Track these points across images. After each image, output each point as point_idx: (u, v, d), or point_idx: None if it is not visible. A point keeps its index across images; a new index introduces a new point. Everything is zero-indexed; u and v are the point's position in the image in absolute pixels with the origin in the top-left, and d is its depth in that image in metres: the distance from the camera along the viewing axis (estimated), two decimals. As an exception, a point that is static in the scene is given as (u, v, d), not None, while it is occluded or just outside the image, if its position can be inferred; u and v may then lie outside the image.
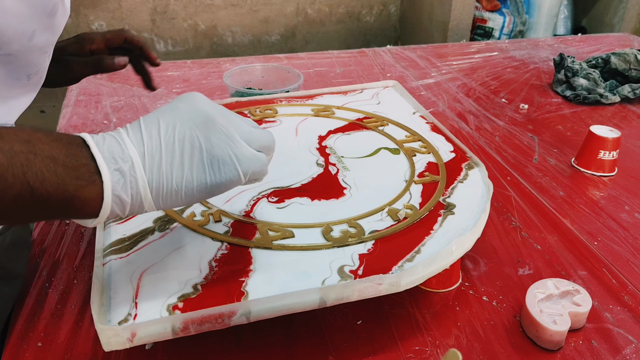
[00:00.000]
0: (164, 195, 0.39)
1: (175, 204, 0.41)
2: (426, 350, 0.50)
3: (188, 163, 0.39)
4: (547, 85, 1.13)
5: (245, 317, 0.44)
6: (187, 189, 0.40)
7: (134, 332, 0.41)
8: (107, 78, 1.08)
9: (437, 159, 0.65)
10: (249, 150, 0.41)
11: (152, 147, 0.39)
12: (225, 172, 0.40)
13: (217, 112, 0.41)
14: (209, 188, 0.40)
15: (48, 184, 0.35)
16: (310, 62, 1.21)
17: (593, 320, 0.54)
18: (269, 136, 0.44)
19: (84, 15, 2.16)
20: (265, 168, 0.43)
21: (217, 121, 0.41)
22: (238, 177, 0.41)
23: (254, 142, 0.42)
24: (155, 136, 0.39)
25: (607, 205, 0.73)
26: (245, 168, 0.41)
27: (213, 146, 0.40)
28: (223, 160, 0.40)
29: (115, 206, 0.38)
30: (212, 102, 0.43)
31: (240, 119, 0.43)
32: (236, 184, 0.42)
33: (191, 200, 0.41)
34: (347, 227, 0.54)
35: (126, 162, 0.38)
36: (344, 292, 0.46)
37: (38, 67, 0.53)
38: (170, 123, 0.40)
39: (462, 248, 0.51)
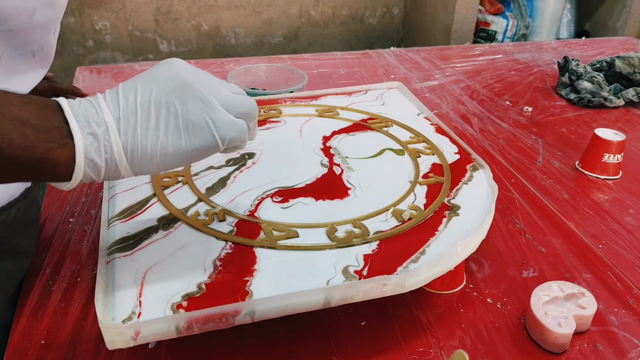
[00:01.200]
0: (139, 159, 0.39)
1: (151, 169, 0.41)
2: (430, 351, 0.50)
3: (164, 128, 0.39)
4: (551, 88, 1.13)
5: (250, 316, 0.44)
6: (162, 153, 0.40)
7: (138, 330, 0.41)
8: (112, 77, 1.08)
9: (441, 161, 0.65)
10: (227, 116, 0.41)
11: (127, 111, 0.39)
12: (201, 137, 0.40)
13: (194, 77, 0.41)
14: (185, 153, 0.40)
15: (16, 145, 0.35)
16: (314, 63, 1.21)
17: (598, 323, 0.54)
18: (250, 102, 0.44)
19: (88, 15, 2.16)
20: (245, 135, 0.43)
21: (193, 86, 0.40)
22: (215, 143, 0.41)
23: (233, 108, 0.42)
24: (132, 101, 0.39)
25: (611, 209, 0.73)
26: (222, 134, 0.41)
27: (189, 111, 0.40)
28: (199, 126, 0.40)
29: (88, 170, 0.38)
30: (192, 68, 0.42)
31: (221, 84, 0.43)
32: (214, 150, 0.41)
33: (167, 165, 0.41)
34: (351, 227, 0.53)
35: (100, 126, 0.38)
36: (349, 293, 0.46)
37: (42, 44, 0.53)
38: (147, 88, 0.40)
39: (467, 249, 0.51)
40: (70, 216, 0.67)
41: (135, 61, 2.29)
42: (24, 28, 0.49)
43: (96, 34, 2.22)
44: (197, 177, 0.60)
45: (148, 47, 2.30)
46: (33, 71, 0.55)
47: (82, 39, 2.20)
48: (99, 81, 1.06)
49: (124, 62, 2.27)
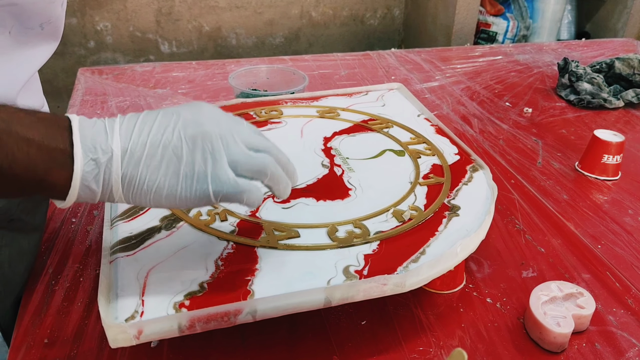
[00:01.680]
0: (134, 192, 0.40)
1: (144, 203, 0.41)
2: (430, 350, 0.51)
3: (164, 169, 0.40)
4: (551, 90, 1.13)
5: (251, 315, 0.44)
6: (156, 194, 0.40)
7: (141, 329, 0.42)
8: (113, 78, 1.08)
9: (441, 161, 0.66)
10: (227, 175, 0.41)
11: (137, 144, 0.39)
12: (197, 188, 0.40)
13: (215, 128, 0.41)
14: (178, 199, 0.40)
15: (18, 165, 0.36)
16: (314, 64, 1.21)
17: (596, 323, 0.55)
18: (260, 162, 0.43)
19: (89, 16, 2.17)
20: (249, 194, 0.42)
21: (208, 138, 0.40)
22: (208, 197, 0.41)
23: (242, 166, 0.42)
24: (145, 135, 0.39)
25: (610, 209, 0.73)
26: (216, 189, 0.40)
27: (194, 161, 0.40)
28: (198, 177, 0.40)
29: (83, 194, 0.39)
30: (219, 115, 0.43)
31: (242, 138, 0.42)
32: (207, 203, 0.41)
33: (158, 204, 0.41)
34: (352, 227, 0.54)
35: (106, 154, 0.38)
36: (349, 292, 0.46)
37: (49, 17, 0.54)
38: (163, 125, 0.40)
39: (466, 250, 0.52)
40: (73, 216, 0.67)
41: (136, 62, 2.30)
42: (28, 1, 0.50)
43: (97, 35, 2.22)
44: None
45: (149, 47, 2.30)
46: (43, 44, 0.56)
47: (83, 40, 2.21)
48: (100, 82, 1.07)
49: (125, 63, 2.28)
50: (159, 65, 1.16)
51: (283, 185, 0.45)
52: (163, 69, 1.14)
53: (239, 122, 0.44)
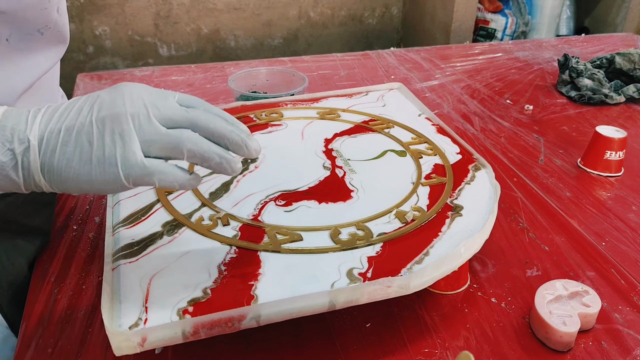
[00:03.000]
0: (55, 181, 0.40)
1: (68, 190, 0.41)
2: (435, 352, 0.50)
3: (78, 156, 0.39)
4: (551, 86, 1.13)
5: (256, 320, 0.44)
6: (75, 181, 0.40)
7: (145, 336, 0.41)
8: (112, 83, 1.08)
9: (443, 161, 0.65)
10: (136, 157, 0.39)
11: (53, 131, 0.39)
12: (110, 173, 0.40)
13: (127, 108, 0.40)
14: (96, 185, 0.40)
15: None
16: (314, 65, 1.21)
17: (602, 321, 0.54)
18: (175, 138, 0.41)
19: (87, 21, 2.17)
20: (156, 177, 0.40)
21: (117, 119, 0.39)
22: (121, 181, 0.40)
23: (154, 146, 0.40)
24: (62, 121, 0.40)
25: (614, 206, 0.73)
26: (126, 172, 0.40)
27: (103, 145, 0.39)
28: (109, 162, 0.39)
29: (4, 183, 0.40)
30: (137, 94, 0.41)
31: (160, 115, 0.41)
32: (124, 187, 0.41)
33: (83, 190, 0.41)
34: (355, 229, 0.54)
35: (22, 144, 0.39)
36: (353, 295, 0.46)
37: (46, 22, 0.54)
38: (79, 110, 0.40)
39: (470, 250, 0.51)
40: (74, 224, 0.67)
41: (135, 66, 2.30)
42: (15, 9, 0.50)
43: (96, 40, 2.22)
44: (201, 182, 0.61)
45: (148, 51, 2.30)
46: (47, 49, 0.56)
47: (82, 45, 2.21)
48: (99, 87, 1.06)
49: (124, 67, 2.28)
50: (157, 69, 1.16)
51: (216, 161, 0.42)
52: (162, 73, 1.14)
53: (163, 97, 0.42)
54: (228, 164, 0.43)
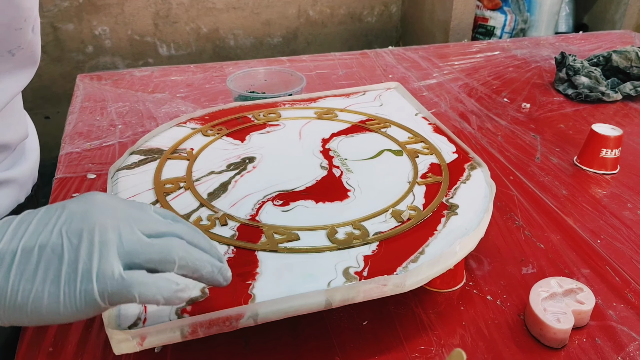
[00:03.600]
0: (7, 308, 0.34)
1: (20, 321, 0.35)
2: (431, 349, 0.51)
3: (42, 275, 0.34)
4: (548, 84, 1.13)
5: (253, 319, 0.44)
6: (34, 305, 0.33)
7: (144, 335, 0.42)
8: (112, 84, 1.09)
9: (439, 160, 0.66)
10: (113, 268, 0.34)
11: (7, 249, 0.34)
12: (80, 290, 0.34)
13: (107, 220, 0.35)
14: (62, 308, 0.34)
15: None
16: (312, 64, 1.21)
17: (597, 318, 0.55)
18: (164, 246, 0.37)
19: (87, 21, 2.17)
20: (135, 290, 0.35)
21: (97, 230, 0.35)
22: (94, 300, 0.34)
23: (138, 256, 0.36)
24: (18, 237, 0.34)
25: (609, 204, 0.73)
26: (101, 287, 0.34)
27: (77, 258, 0.34)
28: (82, 277, 0.34)
29: None
30: (114, 205, 0.37)
31: (142, 226, 0.37)
32: (96, 309, 0.35)
33: (39, 319, 0.34)
34: (351, 229, 0.54)
35: None
36: (350, 294, 0.47)
37: (19, 43, 0.51)
38: (42, 223, 0.35)
39: (465, 248, 0.52)
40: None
41: (135, 65, 2.30)
42: None
43: (95, 40, 2.23)
44: (199, 182, 0.61)
45: (148, 51, 2.31)
46: (18, 71, 0.53)
47: (81, 45, 2.21)
48: (99, 88, 1.07)
49: (124, 67, 2.28)
50: (157, 69, 1.16)
51: (208, 269, 0.39)
52: (161, 73, 1.15)
53: (141, 208, 0.39)
54: (220, 274, 0.40)
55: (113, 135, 0.88)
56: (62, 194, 0.73)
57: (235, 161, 0.66)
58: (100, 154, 0.83)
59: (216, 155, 0.67)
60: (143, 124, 0.92)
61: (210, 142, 0.70)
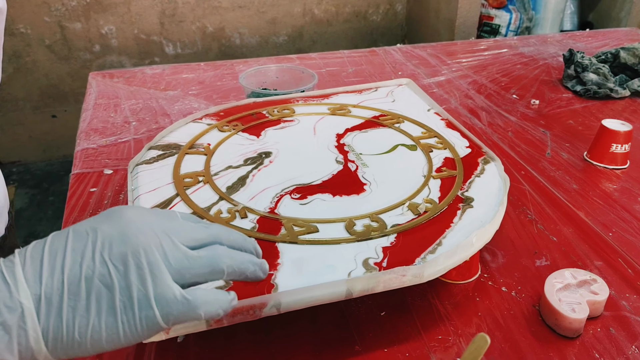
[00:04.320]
0: (64, 345, 0.32)
1: (79, 354, 0.33)
2: (449, 339, 0.52)
3: (95, 307, 0.32)
4: (557, 81, 1.14)
5: (276, 308, 0.45)
6: (94, 339, 0.32)
7: (171, 323, 0.43)
8: (124, 81, 1.10)
9: (453, 155, 0.67)
10: (174, 291, 0.34)
11: (52, 286, 0.32)
12: (141, 318, 0.33)
13: (146, 238, 0.34)
14: (124, 338, 0.33)
15: None
16: (322, 62, 1.22)
17: (610, 308, 0.56)
18: (211, 258, 0.36)
19: (94, 20, 2.18)
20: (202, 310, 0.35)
21: (140, 252, 0.34)
22: (158, 324, 0.33)
23: (189, 273, 0.35)
24: (58, 271, 0.32)
25: (620, 197, 0.74)
26: (164, 312, 0.33)
27: (130, 284, 0.33)
28: (139, 304, 0.33)
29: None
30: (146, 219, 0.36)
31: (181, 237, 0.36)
32: (158, 331, 0.34)
33: (100, 350, 0.33)
34: (369, 221, 0.55)
35: (13, 312, 0.31)
36: (370, 284, 0.48)
37: None
38: (79, 251, 0.33)
39: (482, 240, 0.53)
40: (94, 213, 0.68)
41: (141, 64, 2.31)
42: None
43: (102, 39, 2.24)
44: (217, 176, 0.62)
45: (154, 50, 2.32)
46: None
47: (88, 44, 2.22)
48: (112, 86, 1.08)
49: (131, 66, 2.29)
50: (168, 67, 1.17)
51: (251, 269, 0.38)
52: (172, 70, 1.16)
53: (171, 218, 0.37)
54: (261, 269, 0.39)
55: (128, 132, 0.90)
56: (80, 188, 0.74)
57: (252, 156, 0.67)
58: (116, 150, 0.84)
59: (233, 150, 0.68)
60: (157, 120, 0.93)
61: (227, 138, 0.71)
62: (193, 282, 0.36)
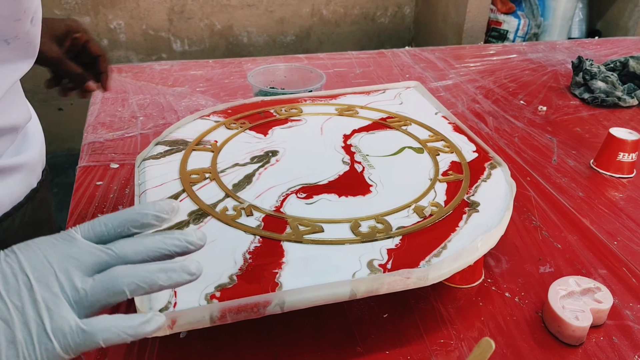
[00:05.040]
0: None
1: None
2: (451, 342, 0.52)
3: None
4: (564, 88, 1.14)
5: (280, 307, 0.45)
6: None
7: (175, 319, 0.43)
8: (133, 77, 1.10)
9: (460, 159, 0.67)
10: (69, 323, 0.33)
11: None
12: (42, 350, 0.33)
13: (42, 270, 0.34)
14: None
15: None
16: (330, 62, 1.22)
17: (614, 317, 0.56)
18: (108, 283, 0.35)
19: (102, 15, 2.19)
20: (100, 337, 0.33)
21: (34, 286, 0.33)
22: (58, 356, 0.33)
23: (88, 301, 0.34)
24: None
25: (626, 206, 0.74)
26: (63, 344, 0.33)
27: (27, 320, 0.33)
28: (38, 337, 0.33)
29: None
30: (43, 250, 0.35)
31: (80, 264, 0.35)
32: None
33: None
34: (374, 223, 0.55)
35: None
36: (374, 285, 0.48)
37: (16, 33, 0.50)
38: None
39: (487, 244, 0.53)
40: (100, 212, 0.69)
41: (149, 60, 2.32)
42: None
43: (110, 33, 2.24)
44: (224, 173, 0.62)
45: (162, 46, 2.32)
46: (13, 62, 0.52)
47: (96, 38, 2.23)
48: (120, 80, 1.08)
49: (138, 61, 2.30)
50: (176, 63, 1.18)
51: (163, 279, 0.36)
52: (180, 67, 1.16)
53: (71, 244, 0.36)
54: (180, 274, 0.37)
55: (135, 127, 0.90)
56: (87, 181, 0.74)
57: (258, 154, 0.67)
58: (123, 144, 0.85)
59: (240, 148, 0.68)
60: (164, 116, 0.94)
61: (234, 135, 0.71)
62: (97, 308, 0.35)
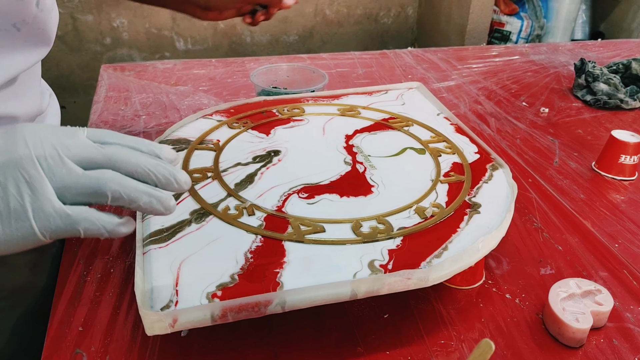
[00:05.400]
0: None
1: None
2: (451, 343, 0.52)
3: None
4: (567, 90, 1.14)
5: (281, 306, 0.46)
6: None
7: (176, 318, 0.43)
8: (135, 75, 1.10)
9: (462, 160, 0.67)
10: (53, 205, 0.35)
11: None
12: (18, 227, 0.34)
13: (32, 151, 0.35)
14: (2, 244, 0.35)
15: None
16: (332, 62, 1.23)
17: (614, 319, 0.56)
18: (96, 180, 0.36)
19: (106, 13, 2.19)
20: (81, 226, 0.36)
21: (21, 164, 0.34)
22: (35, 235, 0.35)
23: (72, 191, 0.36)
24: None
25: (627, 209, 0.74)
26: (42, 225, 0.34)
27: (7, 196, 0.34)
28: (16, 215, 0.34)
29: None
30: (40, 134, 0.36)
31: (73, 154, 0.36)
32: (37, 243, 0.36)
33: None
34: (376, 223, 0.55)
35: None
36: (375, 285, 0.48)
37: (22, 16, 0.50)
38: None
39: (488, 246, 0.53)
40: (102, 209, 0.69)
41: (152, 59, 2.32)
42: None
43: (113, 32, 2.25)
44: (226, 173, 0.63)
45: (165, 44, 2.33)
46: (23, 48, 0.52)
47: (99, 37, 2.23)
48: (123, 79, 1.09)
49: (141, 60, 2.30)
50: (179, 62, 1.18)
51: (145, 200, 0.38)
52: (183, 66, 1.16)
53: (72, 135, 0.37)
54: (159, 203, 0.39)
55: (138, 125, 0.90)
56: (89, 180, 0.75)
57: (260, 154, 0.67)
58: (125, 143, 0.85)
59: (242, 148, 0.68)
60: (167, 115, 0.94)
61: (236, 135, 0.71)
62: (77, 201, 0.36)
